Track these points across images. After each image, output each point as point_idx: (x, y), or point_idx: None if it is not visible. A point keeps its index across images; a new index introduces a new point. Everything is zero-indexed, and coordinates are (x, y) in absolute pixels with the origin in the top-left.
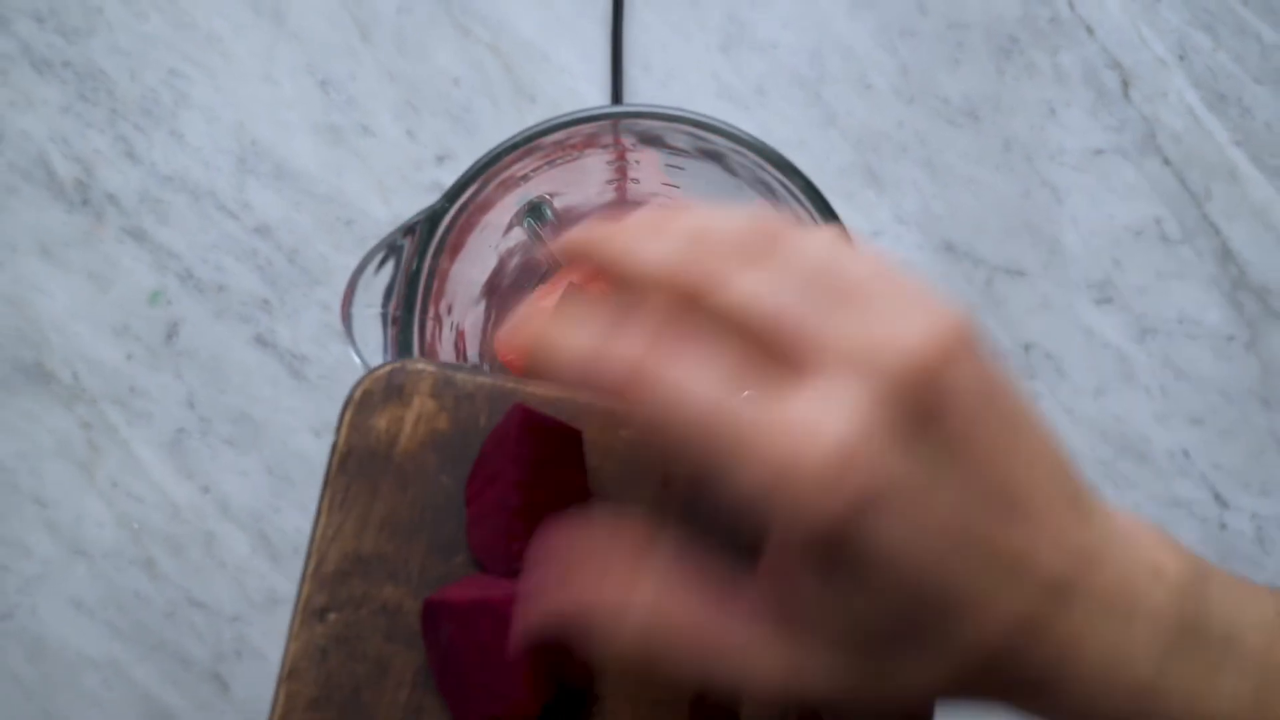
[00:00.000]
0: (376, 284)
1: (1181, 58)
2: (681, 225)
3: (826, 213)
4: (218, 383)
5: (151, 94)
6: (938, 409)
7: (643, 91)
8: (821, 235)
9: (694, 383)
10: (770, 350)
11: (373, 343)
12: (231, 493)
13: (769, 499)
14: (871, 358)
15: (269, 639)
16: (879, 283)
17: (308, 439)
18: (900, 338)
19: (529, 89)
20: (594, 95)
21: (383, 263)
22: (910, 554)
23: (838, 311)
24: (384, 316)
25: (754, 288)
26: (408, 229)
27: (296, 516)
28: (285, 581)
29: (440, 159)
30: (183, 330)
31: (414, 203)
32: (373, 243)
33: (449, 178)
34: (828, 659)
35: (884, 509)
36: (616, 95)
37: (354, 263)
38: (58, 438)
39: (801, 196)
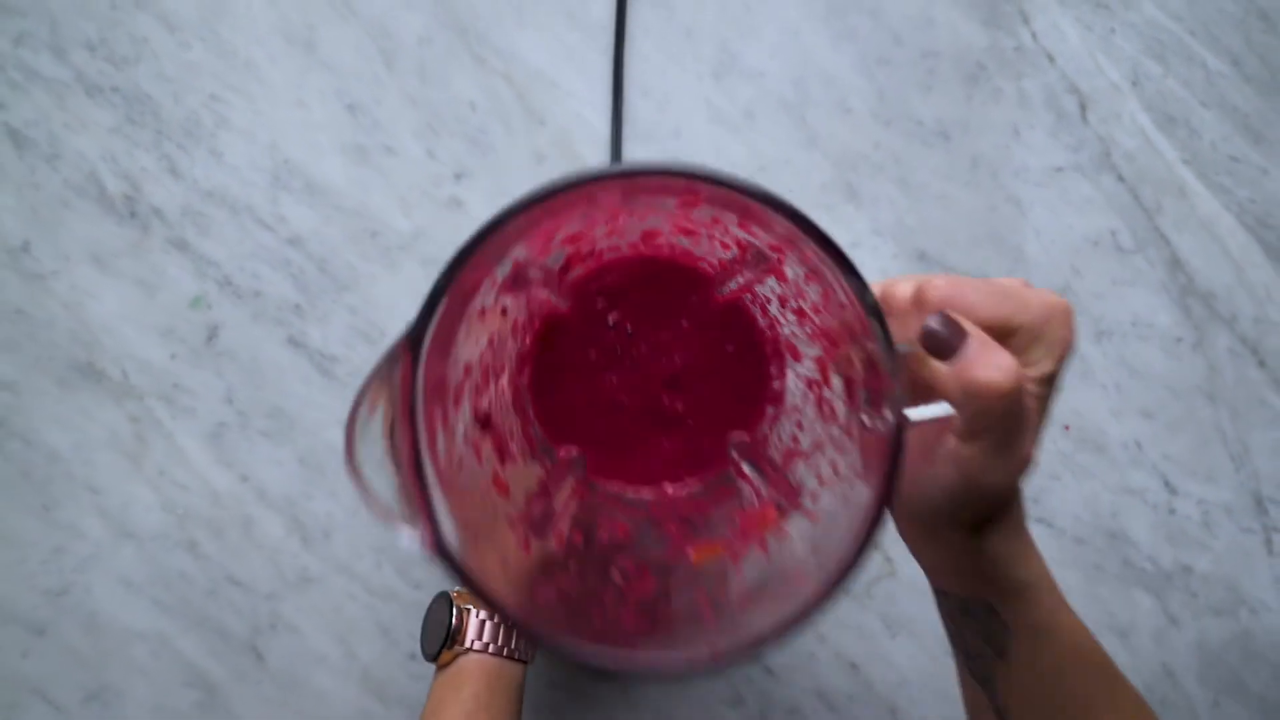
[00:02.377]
0: (374, 425)
1: (1134, 83)
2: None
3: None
4: (254, 380)
5: (193, 116)
6: None
7: (642, 115)
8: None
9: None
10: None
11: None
12: (267, 481)
13: (1047, 315)
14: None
15: (302, 614)
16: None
17: (336, 432)
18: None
19: (539, 113)
20: (598, 120)
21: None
22: None
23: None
24: (392, 456)
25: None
26: (390, 358)
27: (327, 502)
28: (317, 561)
29: (458, 176)
30: (222, 332)
31: (434, 216)
32: (397, 253)
33: (466, 194)
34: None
35: None
36: (617, 119)
37: (379, 271)
38: (109, 430)
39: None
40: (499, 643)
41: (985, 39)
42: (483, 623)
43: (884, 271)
